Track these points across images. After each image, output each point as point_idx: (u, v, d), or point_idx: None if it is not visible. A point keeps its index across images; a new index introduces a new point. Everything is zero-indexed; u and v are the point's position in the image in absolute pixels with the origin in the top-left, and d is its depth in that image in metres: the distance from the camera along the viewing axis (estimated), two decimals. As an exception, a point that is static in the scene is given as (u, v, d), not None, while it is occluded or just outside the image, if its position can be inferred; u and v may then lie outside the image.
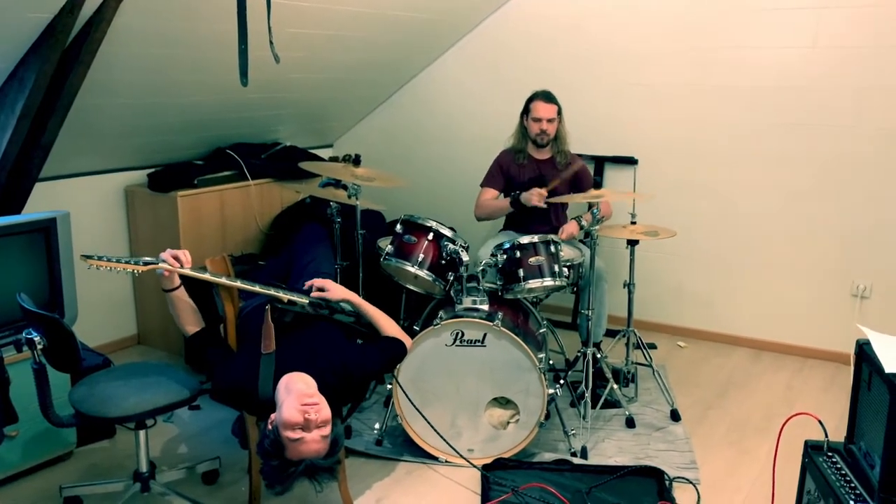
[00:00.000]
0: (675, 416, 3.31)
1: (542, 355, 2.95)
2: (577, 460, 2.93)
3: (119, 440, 3.08)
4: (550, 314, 4.27)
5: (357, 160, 3.43)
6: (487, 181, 3.80)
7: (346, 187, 3.46)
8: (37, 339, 2.19)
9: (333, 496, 2.62)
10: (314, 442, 2.08)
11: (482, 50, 4.61)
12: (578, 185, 3.73)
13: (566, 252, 3.29)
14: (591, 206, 3.19)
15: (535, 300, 3.39)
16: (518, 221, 3.78)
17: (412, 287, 3.25)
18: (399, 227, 3.14)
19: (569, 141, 3.77)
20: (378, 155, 4.91)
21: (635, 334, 3.50)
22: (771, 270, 4.08)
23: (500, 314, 2.90)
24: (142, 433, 2.49)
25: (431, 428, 2.85)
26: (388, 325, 2.66)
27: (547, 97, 3.64)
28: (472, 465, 2.86)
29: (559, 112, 3.67)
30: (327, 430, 2.12)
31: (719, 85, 4.01)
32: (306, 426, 2.07)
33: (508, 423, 2.91)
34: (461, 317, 2.86)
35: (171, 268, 2.36)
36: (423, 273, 3.05)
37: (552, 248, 3.11)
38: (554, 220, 3.77)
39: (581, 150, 4.02)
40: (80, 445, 2.98)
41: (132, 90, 3.35)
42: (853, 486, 1.88)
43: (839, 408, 3.41)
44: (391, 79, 4.81)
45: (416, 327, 3.02)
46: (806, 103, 3.83)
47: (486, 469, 2.81)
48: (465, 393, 2.89)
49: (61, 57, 2.75)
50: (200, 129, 4.02)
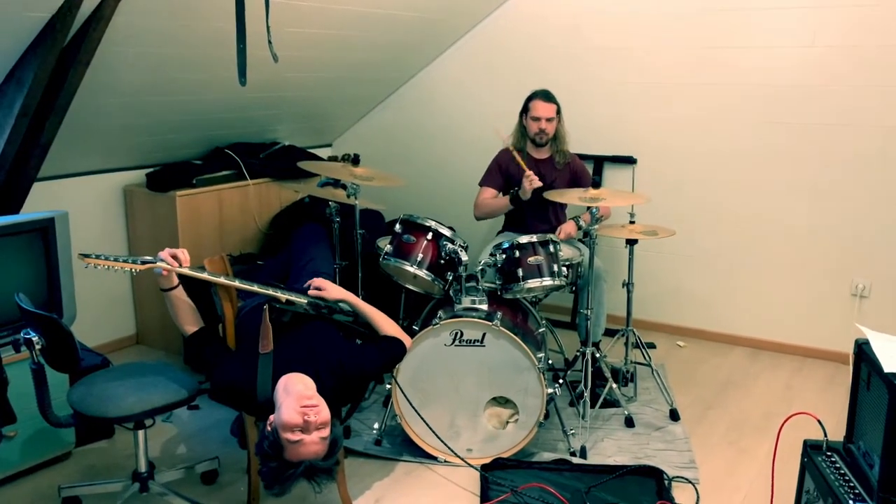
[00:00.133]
0: (675, 415, 3.31)
1: (541, 355, 2.95)
2: (577, 460, 2.93)
3: (118, 440, 3.08)
4: (549, 314, 4.27)
5: (356, 160, 3.42)
6: (486, 180, 3.80)
7: (344, 187, 3.45)
8: (35, 339, 2.19)
9: (332, 496, 2.62)
10: (313, 444, 2.08)
11: (481, 49, 4.61)
12: (577, 185, 3.73)
13: (565, 252, 3.29)
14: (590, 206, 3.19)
15: (534, 300, 3.39)
16: (517, 221, 3.78)
17: (411, 287, 3.25)
18: (398, 226, 3.13)
19: (568, 140, 3.77)
20: (377, 154, 4.91)
21: (634, 334, 3.51)
22: (770, 270, 4.08)
23: (500, 314, 2.90)
24: (140, 433, 2.49)
25: (430, 430, 2.85)
26: (387, 325, 2.66)
27: (546, 96, 3.64)
28: (470, 466, 2.85)
29: (558, 111, 3.66)
30: (326, 432, 2.11)
31: (718, 84, 4.01)
32: (305, 428, 2.07)
33: (507, 422, 2.91)
34: (460, 316, 2.86)
35: (170, 267, 2.36)
36: (423, 273, 3.04)
37: (551, 248, 3.11)
38: (553, 219, 3.77)
39: (580, 150, 4.02)
40: (79, 445, 2.98)
41: (131, 89, 3.35)
42: (852, 485, 1.88)
43: (838, 407, 3.41)
44: (390, 78, 4.80)
45: (415, 327, 3.02)
46: (804, 103, 3.83)
47: (485, 469, 2.81)
48: (464, 393, 2.89)
49: (60, 56, 2.75)
50: (199, 128, 4.02)
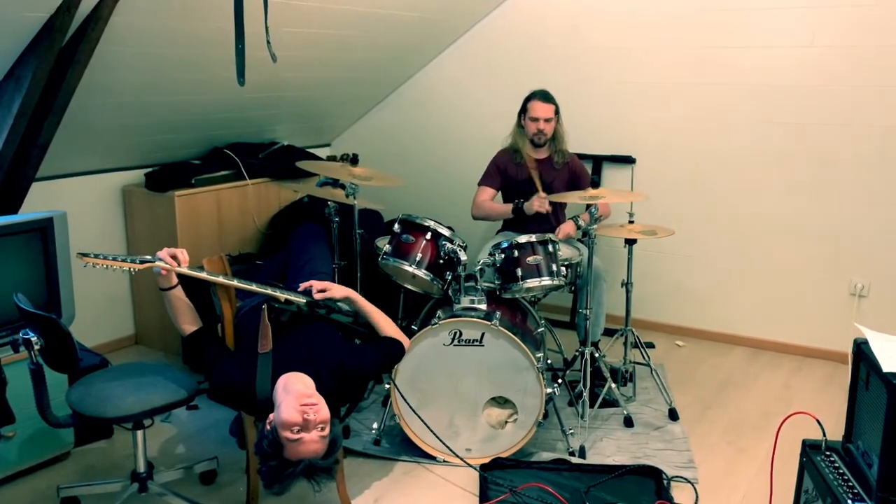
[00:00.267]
0: (674, 415, 3.31)
1: (540, 355, 2.95)
2: (576, 460, 2.93)
3: (117, 440, 3.08)
4: (548, 313, 4.27)
5: (355, 159, 3.42)
6: (485, 180, 3.80)
7: (343, 186, 3.45)
8: (34, 339, 2.19)
9: (331, 496, 2.62)
10: (313, 442, 2.08)
11: (480, 49, 4.61)
12: (576, 184, 3.73)
13: (564, 251, 3.29)
14: (589, 205, 3.19)
15: (533, 299, 3.39)
16: (516, 221, 3.78)
17: (410, 286, 3.25)
18: (397, 226, 3.13)
19: (566, 140, 3.77)
20: (376, 154, 4.90)
21: (633, 333, 3.51)
22: (769, 269, 4.08)
23: (499, 313, 2.90)
24: (139, 433, 2.49)
25: (429, 430, 2.85)
26: (387, 325, 2.66)
27: (545, 97, 3.64)
28: (469, 466, 2.85)
29: (557, 111, 3.66)
30: (326, 431, 2.11)
31: (717, 84, 4.01)
32: (305, 426, 2.07)
33: (506, 422, 2.91)
34: (459, 316, 2.86)
35: (169, 267, 2.36)
36: (421, 272, 3.04)
37: (550, 248, 3.11)
38: (553, 219, 3.76)
39: (579, 150, 4.02)
40: (78, 446, 2.97)
41: (129, 89, 3.35)
42: (851, 485, 1.88)
43: (837, 407, 3.42)
44: (389, 78, 4.80)
45: (414, 327, 3.01)
46: (803, 102, 3.83)
47: (484, 469, 2.81)
48: (463, 392, 2.89)
49: (58, 56, 2.74)
50: (198, 128, 4.02)
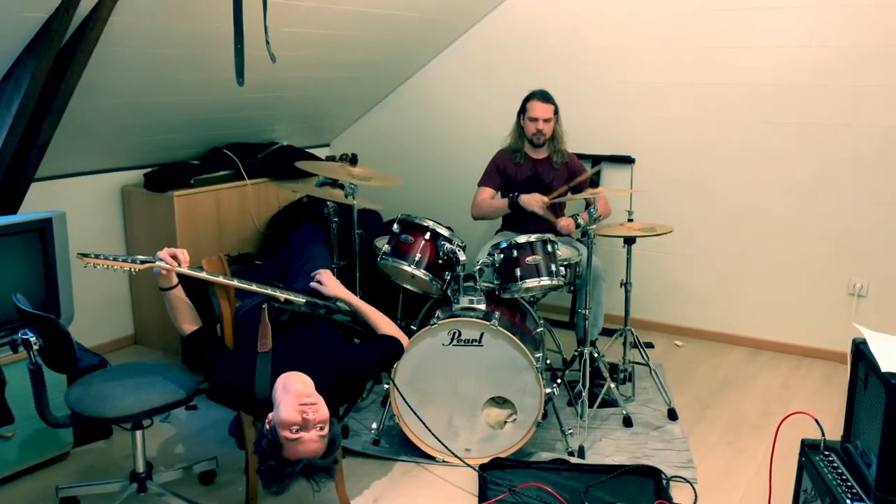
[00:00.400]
0: (673, 415, 3.31)
1: (539, 354, 2.95)
2: (575, 460, 2.93)
3: (116, 440, 3.08)
4: (548, 313, 4.27)
5: (354, 159, 3.43)
6: (484, 180, 3.80)
7: (342, 187, 3.45)
8: (33, 339, 2.19)
9: (331, 496, 2.62)
10: (312, 442, 2.08)
11: (479, 49, 4.61)
12: (575, 184, 3.73)
13: (563, 251, 3.29)
14: (589, 204, 3.19)
15: (532, 299, 3.39)
16: (516, 221, 3.78)
17: (409, 286, 3.25)
18: (396, 226, 3.13)
19: (566, 140, 3.77)
20: (375, 154, 4.91)
21: (632, 333, 3.51)
22: (768, 269, 4.08)
23: (498, 313, 2.90)
24: (138, 433, 2.49)
25: (428, 430, 2.85)
26: (385, 324, 2.66)
27: (544, 97, 3.64)
28: (469, 466, 2.85)
29: (556, 111, 3.66)
30: (325, 430, 2.11)
31: (715, 84, 4.01)
32: (304, 426, 2.07)
33: (505, 422, 2.91)
34: (458, 316, 2.86)
35: (169, 266, 2.36)
36: (420, 272, 3.04)
37: (549, 248, 3.11)
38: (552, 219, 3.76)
39: (578, 150, 4.02)
40: (77, 446, 2.97)
41: (128, 89, 3.35)
42: (850, 484, 1.88)
43: (836, 407, 3.42)
44: (388, 78, 4.80)
45: (413, 327, 3.01)
46: (802, 102, 3.83)
47: (483, 469, 2.81)
48: (462, 392, 2.89)
49: (57, 56, 2.74)
50: (197, 128, 4.02)
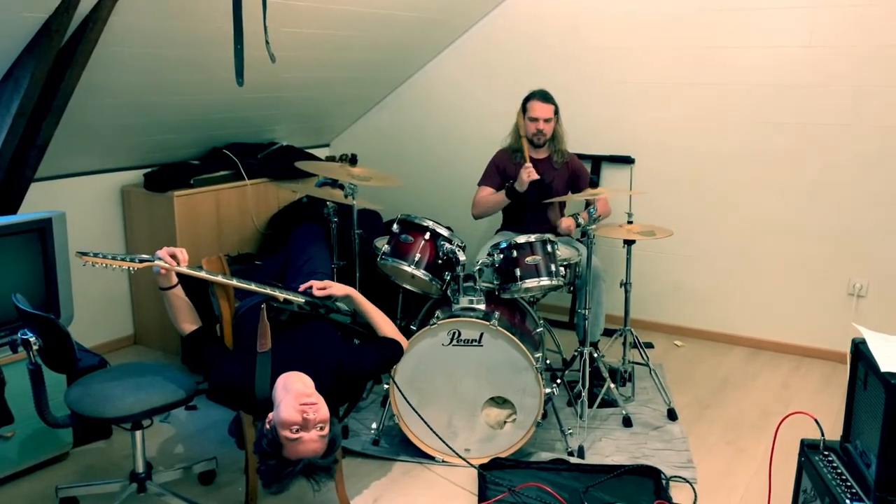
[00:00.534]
0: (672, 415, 3.31)
1: (538, 355, 2.95)
2: (574, 460, 2.93)
3: (115, 441, 3.08)
4: (547, 313, 4.28)
5: (354, 160, 3.42)
6: (484, 180, 3.80)
7: (342, 187, 3.45)
8: (32, 339, 2.19)
9: (330, 496, 2.62)
10: (312, 442, 2.08)
11: (479, 49, 4.61)
12: (576, 184, 3.74)
13: (563, 251, 3.29)
14: (589, 204, 3.19)
15: (532, 299, 3.39)
16: (516, 221, 3.78)
17: (409, 287, 3.25)
18: (396, 226, 3.13)
19: (566, 140, 3.78)
20: (375, 154, 4.91)
21: (632, 333, 3.51)
22: (767, 269, 4.08)
23: (497, 314, 2.90)
24: (138, 433, 2.49)
25: (428, 428, 2.85)
26: (386, 326, 2.66)
27: (544, 97, 3.64)
28: (469, 465, 2.85)
29: (556, 112, 3.66)
30: (325, 430, 2.11)
31: (715, 84, 4.01)
32: (304, 426, 2.07)
33: (505, 422, 2.91)
34: (458, 316, 2.86)
35: (168, 266, 2.36)
36: (420, 273, 3.04)
37: (549, 248, 3.11)
38: (552, 219, 3.76)
39: (578, 150, 4.02)
40: (77, 446, 2.97)
41: (128, 89, 3.35)
42: (849, 484, 1.88)
43: (835, 407, 3.42)
44: (388, 78, 4.80)
45: (412, 327, 3.02)
46: (802, 102, 3.84)
47: (482, 469, 2.81)
48: (461, 393, 2.89)
49: (57, 56, 2.74)
50: (197, 128, 4.02)
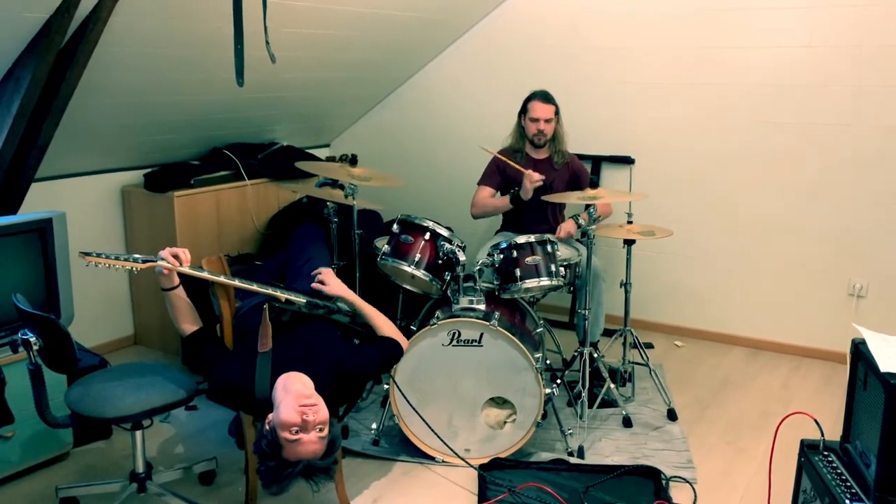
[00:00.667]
0: (672, 415, 3.31)
1: (538, 355, 2.95)
2: (574, 460, 2.93)
3: (115, 441, 3.08)
4: (547, 314, 4.27)
5: (354, 160, 3.42)
6: (484, 180, 3.80)
7: (342, 187, 3.45)
8: (33, 339, 2.19)
9: (330, 496, 2.62)
10: (312, 443, 2.08)
11: (479, 50, 4.61)
12: (576, 185, 3.74)
13: (563, 251, 3.29)
14: (589, 205, 3.19)
15: (532, 300, 3.39)
16: (516, 221, 3.78)
17: (409, 287, 3.25)
18: (396, 226, 3.14)
19: (566, 140, 3.78)
20: (375, 155, 4.90)
21: (632, 334, 3.51)
22: (767, 269, 4.08)
23: (497, 314, 2.90)
24: (138, 434, 2.49)
25: (428, 428, 2.85)
26: (385, 326, 2.66)
27: (545, 97, 3.64)
28: (469, 465, 2.86)
29: (557, 112, 3.67)
30: (325, 431, 2.11)
31: (715, 84, 4.01)
32: (304, 427, 2.07)
33: (505, 422, 2.91)
34: (458, 316, 2.86)
35: (170, 266, 2.36)
36: (420, 273, 3.04)
37: (549, 248, 3.11)
38: (552, 220, 3.77)
39: (578, 150, 4.02)
40: (77, 446, 2.98)
41: (128, 90, 3.35)
42: (849, 485, 1.88)
43: (835, 407, 3.42)
44: (388, 78, 4.80)
45: (412, 327, 3.02)
46: (802, 102, 3.84)
47: (482, 469, 2.81)
48: (461, 393, 2.89)
49: (57, 56, 2.75)
50: (197, 128, 4.02)
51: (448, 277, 3.09)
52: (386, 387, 2.90)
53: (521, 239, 3.09)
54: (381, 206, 4.09)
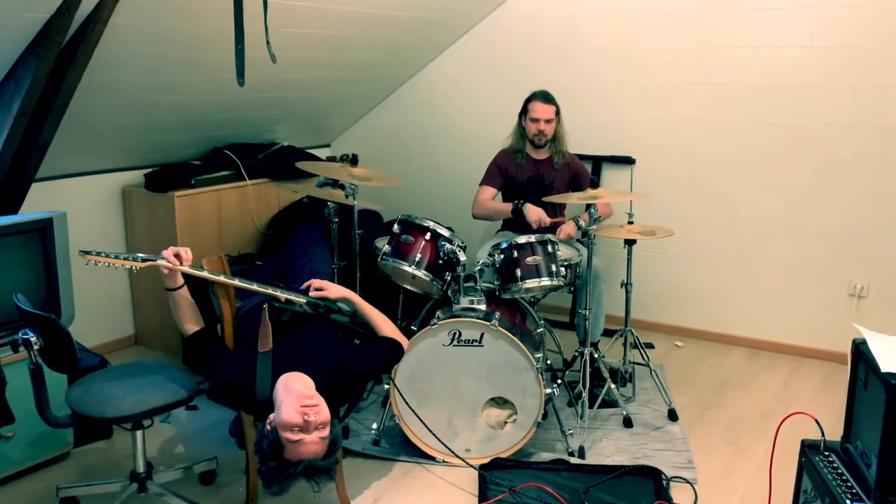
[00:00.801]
0: (673, 415, 3.31)
1: (539, 355, 2.95)
2: (575, 460, 2.93)
3: (116, 440, 3.08)
4: (548, 314, 4.27)
5: (354, 160, 3.42)
6: (486, 180, 3.81)
7: (343, 187, 3.45)
8: (33, 339, 2.19)
9: (331, 496, 2.62)
10: (313, 443, 2.08)
11: (480, 50, 4.61)
12: (577, 185, 3.74)
13: (563, 252, 3.29)
14: (589, 205, 3.19)
15: (532, 300, 3.39)
16: (516, 222, 3.78)
17: (410, 287, 3.25)
18: (396, 226, 3.14)
19: (567, 141, 3.78)
20: (375, 155, 4.91)
21: (633, 334, 3.51)
22: (768, 269, 4.09)
23: (498, 314, 2.90)
24: (139, 433, 2.49)
25: (428, 430, 2.85)
26: (386, 326, 2.66)
27: (545, 97, 3.64)
28: (469, 465, 2.86)
29: (557, 112, 3.67)
30: (326, 432, 2.12)
31: (716, 84, 4.01)
32: (305, 427, 2.07)
33: (506, 422, 2.91)
34: (458, 317, 2.86)
35: (171, 265, 2.36)
36: (421, 273, 3.04)
37: (549, 248, 3.11)
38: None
39: (578, 150, 4.02)
40: (77, 446, 2.98)
41: (129, 90, 3.35)
42: (849, 485, 1.88)
43: (836, 407, 3.42)
44: (389, 78, 4.80)
45: (413, 327, 3.02)
46: (802, 103, 3.84)
47: (483, 469, 2.81)
48: (462, 393, 2.89)
49: (58, 56, 2.75)
50: (197, 128, 4.02)
51: (448, 277, 3.09)
52: (386, 387, 2.90)
53: (522, 239, 3.09)
54: (382, 206, 4.09)
